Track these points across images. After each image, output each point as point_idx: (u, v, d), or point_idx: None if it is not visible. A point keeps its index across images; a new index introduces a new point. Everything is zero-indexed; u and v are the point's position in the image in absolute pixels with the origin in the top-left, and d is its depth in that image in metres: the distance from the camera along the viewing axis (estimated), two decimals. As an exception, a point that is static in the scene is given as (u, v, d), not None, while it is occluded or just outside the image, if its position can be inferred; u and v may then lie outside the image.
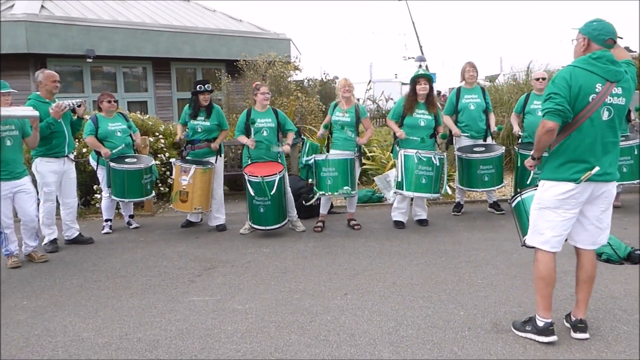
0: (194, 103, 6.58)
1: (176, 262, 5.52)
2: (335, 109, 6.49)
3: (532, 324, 3.52)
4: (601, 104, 3.22)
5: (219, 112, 6.73)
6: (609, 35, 3.28)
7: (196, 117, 6.56)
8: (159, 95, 13.62)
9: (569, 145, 3.30)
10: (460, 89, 7.05)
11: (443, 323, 3.81)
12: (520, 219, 3.93)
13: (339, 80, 6.84)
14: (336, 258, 5.44)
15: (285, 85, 11.74)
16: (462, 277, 4.74)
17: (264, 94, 6.40)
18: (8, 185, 5.38)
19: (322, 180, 6.29)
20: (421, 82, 6.31)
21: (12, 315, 4.22)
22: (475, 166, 6.62)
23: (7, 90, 5.36)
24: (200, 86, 6.51)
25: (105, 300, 4.48)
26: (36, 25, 11.16)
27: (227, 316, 4.06)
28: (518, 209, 3.95)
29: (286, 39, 15.43)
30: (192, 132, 6.61)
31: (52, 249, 6.02)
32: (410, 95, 6.42)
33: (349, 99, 6.48)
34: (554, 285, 3.47)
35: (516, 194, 4.03)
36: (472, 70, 6.95)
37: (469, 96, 6.94)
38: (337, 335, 3.67)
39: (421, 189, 6.17)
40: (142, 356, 3.47)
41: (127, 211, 7.18)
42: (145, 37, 12.64)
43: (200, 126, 6.57)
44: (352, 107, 6.49)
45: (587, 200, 3.37)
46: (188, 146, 6.67)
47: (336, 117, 6.43)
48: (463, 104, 6.93)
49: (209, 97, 6.58)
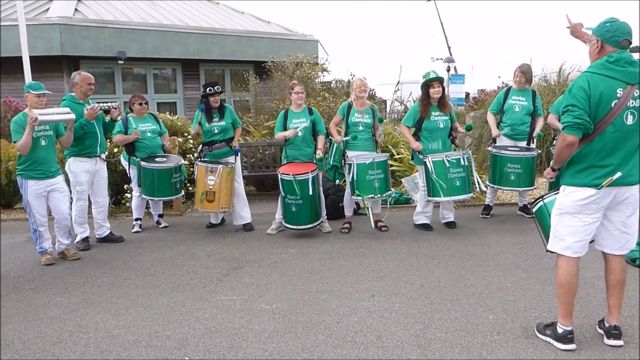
0: (205, 106, 6.65)
1: (204, 261, 5.57)
2: (351, 110, 6.46)
3: (552, 329, 3.46)
4: (624, 109, 3.12)
5: (231, 111, 6.83)
6: (623, 36, 3.15)
7: (211, 120, 6.63)
8: (188, 96, 13.79)
9: (590, 150, 3.21)
10: (510, 89, 6.97)
11: (471, 326, 3.77)
12: (543, 224, 3.84)
13: (354, 80, 6.80)
14: (363, 259, 5.42)
15: (312, 87, 11.76)
16: (490, 281, 4.68)
17: (298, 93, 6.43)
18: (42, 184, 5.51)
19: (369, 184, 6.19)
20: (435, 85, 6.25)
21: (46, 311, 4.32)
22: (503, 163, 6.55)
23: (42, 91, 5.49)
24: (210, 88, 6.58)
25: (135, 298, 4.55)
26: (70, 28, 11.43)
27: (254, 316, 4.08)
28: (541, 214, 3.87)
29: (314, 40, 15.48)
30: (209, 134, 6.67)
31: (84, 247, 6.14)
32: (424, 99, 6.35)
33: (363, 100, 6.47)
34: (574, 292, 3.38)
35: (537, 198, 3.95)
36: (520, 76, 6.83)
37: (517, 98, 6.85)
38: (364, 337, 3.66)
39: (457, 192, 6.11)
40: (171, 354, 3.52)
41: (156, 210, 7.29)
42: (175, 38, 12.82)
43: (217, 127, 6.64)
44: (367, 108, 6.49)
45: (610, 205, 3.28)
46: (205, 148, 6.73)
47: (356, 119, 6.41)
48: (509, 105, 6.85)
49: (219, 99, 6.66)
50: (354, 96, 6.46)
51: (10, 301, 4.57)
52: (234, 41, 13.80)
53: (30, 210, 5.52)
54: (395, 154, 9.20)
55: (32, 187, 5.46)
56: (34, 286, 4.95)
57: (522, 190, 6.83)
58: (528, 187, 6.66)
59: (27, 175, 5.45)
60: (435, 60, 27.30)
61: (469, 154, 6.22)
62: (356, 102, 6.46)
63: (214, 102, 6.60)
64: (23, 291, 4.82)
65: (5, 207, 8.68)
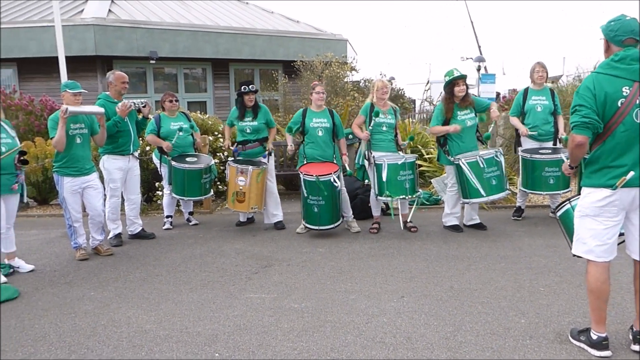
0: (239, 104, 6.69)
1: (234, 259, 5.62)
2: (374, 111, 6.42)
3: (586, 335, 3.39)
4: (632, 107, 3.06)
5: (266, 111, 6.84)
6: (626, 34, 3.09)
7: (244, 118, 6.68)
8: (218, 95, 13.94)
9: (603, 151, 3.17)
10: (527, 90, 6.83)
11: (503, 330, 3.71)
12: (569, 228, 3.76)
13: (375, 81, 6.78)
14: (392, 260, 5.40)
15: (341, 86, 11.76)
16: (522, 284, 4.60)
17: (319, 94, 6.44)
18: (77, 181, 5.63)
19: (401, 184, 6.15)
20: (460, 83, 6.17)
21: (80, 305, 4.42)
22: (541, 168, 6.39)
23: (78, 90, 5.61)
24: (245, 87, 6.62)
25: (166, 294, 4.62)
26: (104, 29, 11.66)
27: (283, 314, 4.10)
28: (567, 217, 3.78)
29: (343, 39, 15.47)
30: (241, 134, 6.71)
31: (117, 243, 6.26)
32: (447, 98, 6.26)
33: (385, 101, 6.44)
34: (605, 298, 3.30)
35: (563, 202, 3.88)
36: (541, 71, 6.72)
37: (537, 97, 6.73)
38: (394, 338, 3.64)
39: (494, 191, 6.03)
40: (201, 350, 3.56)
41: (186, 208, 7.39)
42: (206, 38, 12.97)
43: (249, 127, 6.68)
44: (390, 109, 6.46)
45: (631, 207, 3.21)
46: (239, 147, 6.78)
47: (380, 120, 6.37)
48: (530, 105, 6.72)
49: (254, 98, 6.69)
50: (375, 97, 6.42)
51: (46, 294, 4.69)
52: (264, 41, 13.89)
53: (65, 206, 5.64)
54: (424, 154, 9.13)
55: (68, 184, 5.59)
56: (69, 280, 5.07)
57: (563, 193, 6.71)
58: (566, 190, 6.54)
59: (63, 172, 5.58)
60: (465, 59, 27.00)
61: (500, 151, 6.14)
62: (378, 103, 6.43)
63: (248, 100, 6.64)
64: (58, 285, 4.94)
65: (42, 203, 8.90)
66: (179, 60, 13.13)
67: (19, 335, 3.85)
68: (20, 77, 12.37)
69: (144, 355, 3.50)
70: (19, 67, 12.34)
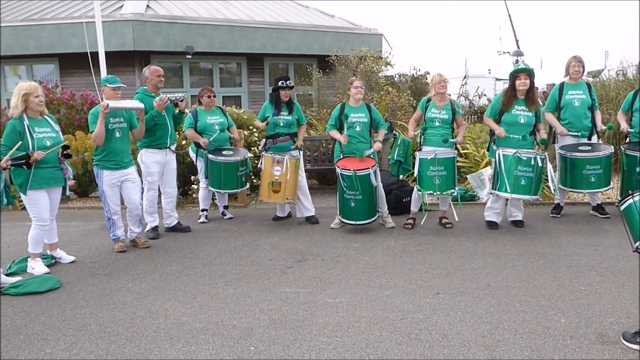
0: (275, 99, 6.74)
1: (268, 253, 5.65)
2: (429, 106, 6.34)
3: None
4: None
5: (299, 108, 6.95)
6: None
7: (279, 113, 6.70)
8: (252, 90, 14.02)
9: None
10: (563, 84, 6.64)
11: (542, 329, 3.63)
12: (632, 223, 3.63)
13: (433, 75, 6.67)
14: (427, 256, 5.34)
15: (376, 81, 11.68)
16: (562, 283, 4.49)
17: (357, 88, 6.40)
18: (116, 174, 5.74)
19: (429, 180, 6.11)
20: (521, 76, 6.00)
21: (119, 296, 4.51)
22: (581, 166, 6.20)
23: (118, 85, 5.72)
24: (282, 82, 6.67)
25: (202, 287, 4.67)
26: (142, 24, 11.85)
27: (318, 309, 4.10)
28: (630, 212, 3.66)
29: (378, 34, 15.36)
30: (273, 127, 6.74)
31: (154, 235, 6.37)
32: (509, 90, 6.12)
33: (443, 95, 6.33)
34: None
35: (626, 195, 3.73)
36: (577, 65, 6.52)
37: (573, 92, 6.54)
38: (429, 335, 3.60)
39: (519, 191, 5.89)
40: (237, 343, 3.59)
41: (222, 202, 7.46)
42: (242, 33, 13.05)
43: (283, 120, 6.71)
44: (447, 104, 6.32)
45: None
46: (269, 140, 6.81)
47: (432, 114, 6.27)
48: (566, 100, 6.53)
49: (289, 93, 6.76)
50: (433, 91, 6.35)
51: (86, 285, 4.81)
52: (299, 36, 13.89)
53: (105, 199, 5.77)
54: (460, 149, 9.00)
55: (107, 177, 5.70)
56: (108, 272, 5.18)
57: (604, 191, 6.52)
58: (608, 187, 6.34)
59: (103, 166, 5.69)
60: (502, 53, 26.49)
61: (544, 156, 5.94)
62: (435, 98, 6.34)
63: (284, 95, 6.69)
64: (98, 276, 5.06)
65: (82, 195, 9.12)
66: (215, 55, 13.24)
67: (61, 325, 3.96)
68: (61, 72, 12.69)
69: (181, 347, 3.56)
70: (60, 62, 12.65)
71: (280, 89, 6.67)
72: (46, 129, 5.12)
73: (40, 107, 5.07)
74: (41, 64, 12.92)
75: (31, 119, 5.02)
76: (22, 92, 4.95)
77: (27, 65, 12.90)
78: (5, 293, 4.59)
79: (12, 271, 5.22)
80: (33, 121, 5.03)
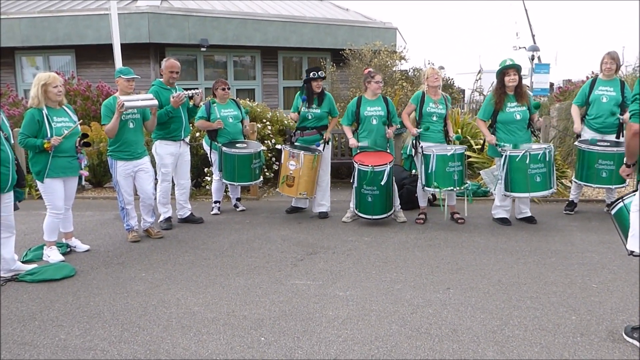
0: (306, 90, 6.66)
1: (280, 245, 5.69)
2: (425, 100, 6.32)
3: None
4: None
5: (331, 100, 6.81)
6: None
7: (309, 106, 6.64)
8: (266, 83, 14.03)
9: None
10: (596, 80, 6.58)
11: (553, 326, 3.62)
12: (623, 226, 3.62)
13: (426, 69, 6.64)
14: (438, 251, 5.34)
15: (390, 75, 11.64)
16: (574, 280, 4.47)
17: (378, 83, 6.38)
18: (130, 164, 5.81)
19: (449, 176, 6.05)
20: (510, 73, 5.99)
21: (133, 285, 4.57)
22: (594, 160, 6.17)
23: (132, 76, 5.77)
24: (313, 73, 6.59)
25: (214, 278, 4.72)
26: (157, 17, 11.90)
27: (328, 301, 4.13)
28: (621, 215, 3.64)
29: (392, 28, 15.29)
30: (302, 119, 6.71)
31: (167, 226, 6.43)
32: (498, 88, 6.10)
33: (437, 89, 6.32)
34: None
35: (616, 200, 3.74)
36: (609, 62, 6.42)
37: (604, 88, 6.47)
38: (439, 329, 3.61)
39: (537, 188, 5.86)
40: (247, 333, 3.62)
41: (234, 194, 7.50)
42: (256, 26, 13.05)
43: (311, 113, 6.66)
44: (441, 98, 6.34)
45: None
46: (297, 132, 6.80)
47: (430, 109, 6.27)
48: (595, 96, 6.48)
49: (321, 84, 6.65)
50: (426, 86, 6.32)
51: (100, 274, 4.88)
52: (312, 29, 13.87)
53: (118, 189, 5.83)
54: (473, 144, 8.96)
55: (121, 168, 5.77)
56: (122, 261, 5.25)
57: (614, 188, 6.47)
58: (620, 185, 6.28)
59: (117, 156, 5.76)
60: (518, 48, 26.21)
61: (551, 148, 5.93)
62: (429, 91, 6.33)
63: (316, 87, 6.59)
64: (112, 265, 5.12)
65: (96, 185, 9.22)
66: (229, 48, 13.27)
67: (76, 312, 4.02)
68: (77, 63, 12.80)
69: (192, 336, 3.60)
70: (76, 54, 12.76)
71: (311, 80, 6.58)
72: (64, 118, 5.19)
73: (59, 97, 5.14)
74: (58, 55, 13.03)
75: (50, 108, 5.09)
76: (41, 82, 5.02)
77: (44, 57, 13.03)
78: (21, 280, 4.68)
79: (28, 259, 5.31)
80: (52, 111, 5.10)
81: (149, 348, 3.45)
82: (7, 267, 4.73)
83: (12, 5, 13.12)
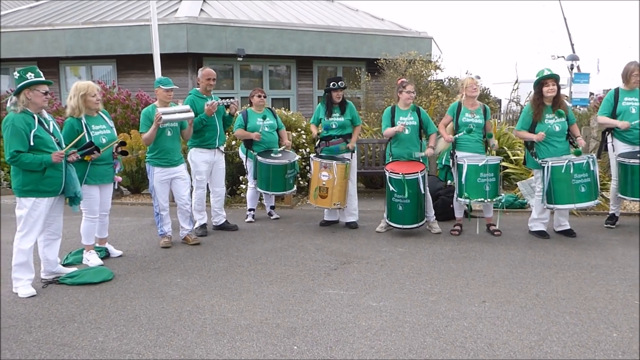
0: (327, 100, 6.71)
1: (313, 254, 5.69)
2: (462, 110, 6.25)
3: None
4: None
5: (352, 108, 6.82)
6: None
7: (331, 115, 6.67)
8: (301, 92, 14.14)
9: None
10: (618, 90, 6.42)
11: (593, 343, 3.52)
12: None
13: (464, 79, 6.56)
14: (474, 263, 5.26)
15: (425, 85, 11.58)
16: (615, 296, 4.33)
17: (410, 93, 6.36)
18: (167, 171, 5.92)
19: (480, 187, 5.97)
20: (549, 83, 5.85)
21: (168, 290, 4.64)
22: (637, 172, 5.98)
23: (171, 86, 5.90)
24: (333, 83, 6.63)
25: (247, 285, 4.75)
26: (195, 27, 12.15)
27: (361, 312, 4.10)
28: None
29: (428, 37, 15.23)
30: (326, 130, 6.74)
31: (202, 233, 6.52)
32: (536, 99, 5.96)
33: (474, 100, 6.23)
34: None
35: None
36: (638, 74, 6.26)
37: (630, 99, 6.30)
38: (474, 343, 3.55)
39: (582, 199, 5.69)
40: (280, 341, 3.63)
41: (269, 202, 7.56)
42: (291, 36, 13.19)
43: (335, 122, 6.67)
44: (479, 108, 6.25)
45: None
46: (322, 142, 6.82)
47: (466, 119, 6.19)
48: (623, 107, 6.31)
49: (342, 94, 6.69)
50: (464, 96, 6.26)
51: (137, 278, 4.97)
52: (348, 39, 13.93)
53: (154, 195, 5.95)
54: (510, 155, 8.82)
55: (158, 174, 5.89)
56: (158, 266, 5.34)
57: None
58: None
59: (154, 163, 5.88)
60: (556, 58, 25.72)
61: (594, 157, 5.79)
62: (466, 102, 6.26)
63: (336, 97, 6.64)
64: (148, 270, 5.22)
65: (135, 191, 9.42)
66: (265, 58, 13.44)
67: (113, 315, 4.11)
68: (118, 72, 13.15)
69: (226, 342, 3.63)
70: (117, 64, 13.12)
71: (332, 90, 6.63)
72: (102, 125, 5.32)
73: (97, 106, 5.29)
74: (100, 65, 13.44)
75: (88, 117, 5.23)
76: (80, 92, 5.16)
77: (86, 66, 13.44)
78: (61, 282, 4.82)
79: (68, 262, 5.46)
80: (90, 119, 5.24)
81: (183, 353, 3.49)
82: (50, 269, 4.89)
83: (58, 17, 13.59)
